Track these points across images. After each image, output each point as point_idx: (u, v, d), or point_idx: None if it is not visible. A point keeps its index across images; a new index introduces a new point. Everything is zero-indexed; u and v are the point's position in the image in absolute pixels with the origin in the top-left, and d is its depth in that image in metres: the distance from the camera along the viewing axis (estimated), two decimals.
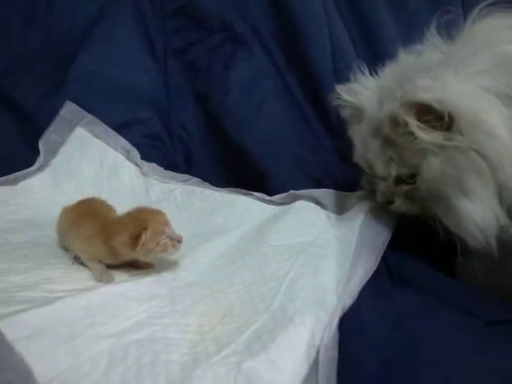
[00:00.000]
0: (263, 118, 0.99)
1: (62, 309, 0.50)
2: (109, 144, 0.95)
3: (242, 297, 0.59)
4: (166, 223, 0.62)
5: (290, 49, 0.99)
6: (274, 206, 0.82)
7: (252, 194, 0.85)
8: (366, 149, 0.65)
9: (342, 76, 0.94)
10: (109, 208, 0.73)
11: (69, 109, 0.96)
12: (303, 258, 0.64)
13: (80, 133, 0.95)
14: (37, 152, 0.95)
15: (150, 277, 0.62)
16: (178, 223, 0.81)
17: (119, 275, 0.62)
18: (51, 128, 0.95)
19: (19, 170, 0.92)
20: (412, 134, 0.56)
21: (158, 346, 0.47)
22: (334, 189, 0.83)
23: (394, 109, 0.57)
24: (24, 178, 0.90)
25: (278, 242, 0.70)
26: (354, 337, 0.50)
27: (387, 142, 0.61)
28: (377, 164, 0.63)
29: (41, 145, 0.95)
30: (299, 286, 0.58)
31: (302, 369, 0.46)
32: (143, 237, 0.58)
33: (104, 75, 1.03)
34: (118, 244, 0.60)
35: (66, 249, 0.69)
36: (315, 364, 0.46)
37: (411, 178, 0.61)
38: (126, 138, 0.98)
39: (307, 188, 0.83)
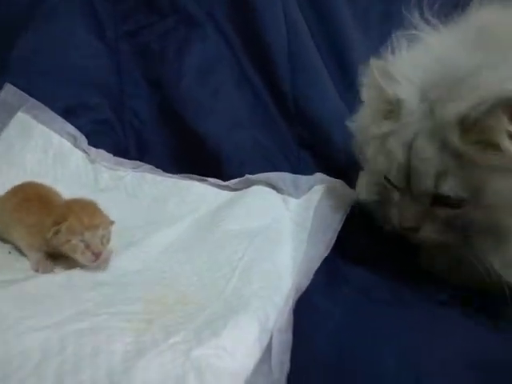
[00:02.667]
0: (219, 103, 0.95)
1: None
2: (54, 130, 0.88)
3: (193, 284, 0.56)
4: (92, 228, 0.55)
5: (246, 32, 0.97)
6: (228, 192, 0.79)
7: (206, 180, 0.82)
8: (413, 155, 0.50)
9: (297, 59, 0.94)
10: (56, 194, 0.68)
11: (9, 92, 0.89)
12: (258, 242, 0.62)
13: (21, 118, 0.88)
14: None
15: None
16: (128, 212, 0.78)
17: (61, 264, 0.58)
18: None
19: None
20: (489, 144, 0.44)
21: (100, 337, 0.43)
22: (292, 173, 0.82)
23: (468, 110, 0.44)
24: None
25: (232, 226, 0.67)
26: (309, 321, 0.48)
27: (445, 149, 0.47)
28: (425, 177, 0.49)
29: None
30: (253, 271, 0.56)
31: (255, 354, 0.43)
32: (58, 229, 0.54)
33: (48, 58, 0.96)
34: (46, 226, 0.56)
35: (2, 239, 0.64)
36: (268, 349, 0.44)
37: (460, 201, 0.48)
38: (72, 125, 0.92)
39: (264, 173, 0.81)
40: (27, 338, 0.42)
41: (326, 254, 0.57)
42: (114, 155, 0.92)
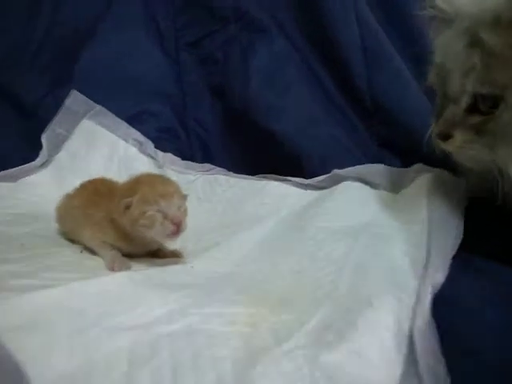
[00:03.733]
0: (290, 103, 0.89)
1: (65, 294, 0.38)
2: (119, 136, 0.84)
3: (291, 285, 0.47)
4: (167, 196, 0.49)
5: (313, 31, 0.91)
6: (313, 191, 0.71)
7: (286, 180, 0.74)
8: (445, 54, 0.50)
9: (373, 55, 0.86)
10: None
11: (75, 99, 0.86)
12: (364, 240, 0.53)
13: (87, 125, 0.85)
14: (39, 148, 0.85)
15: (178, 266, 0.51)
16: (200, 216, 0.71)
17: (137, 264, 0.51)
18: (55, 120, 0.85)
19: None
20: None
21: (200, 340, 0.35)
22: None
23: (504, 8, 0.43)
24: (25, 174, 0.79)
25: (327, 223, 0.58)
26: (460, 321, 0.38)
27: (476, 44, 0.46)
28: (454, 73, 0.48)
29: (44, 139, 0.84)
30: (366, 268, 0.47)
31: (394, 359, 0.33)
32: (130, 201, 0.48)
33: (112, 67, 0.95)
34: (114, 210, 0.50)
35: (73, 240, 0.58)
36: (411, 353, 0.34)
37: (490, 106, 0.46)
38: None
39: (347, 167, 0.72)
40: (113, 339, 0.33)
41: (456, 247, 0.47)
42: None
